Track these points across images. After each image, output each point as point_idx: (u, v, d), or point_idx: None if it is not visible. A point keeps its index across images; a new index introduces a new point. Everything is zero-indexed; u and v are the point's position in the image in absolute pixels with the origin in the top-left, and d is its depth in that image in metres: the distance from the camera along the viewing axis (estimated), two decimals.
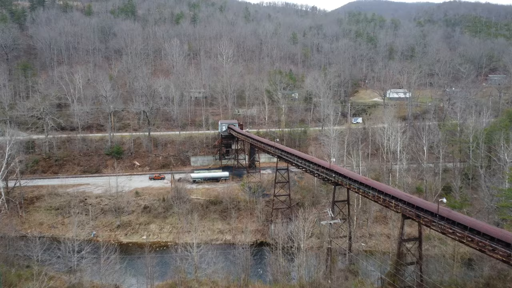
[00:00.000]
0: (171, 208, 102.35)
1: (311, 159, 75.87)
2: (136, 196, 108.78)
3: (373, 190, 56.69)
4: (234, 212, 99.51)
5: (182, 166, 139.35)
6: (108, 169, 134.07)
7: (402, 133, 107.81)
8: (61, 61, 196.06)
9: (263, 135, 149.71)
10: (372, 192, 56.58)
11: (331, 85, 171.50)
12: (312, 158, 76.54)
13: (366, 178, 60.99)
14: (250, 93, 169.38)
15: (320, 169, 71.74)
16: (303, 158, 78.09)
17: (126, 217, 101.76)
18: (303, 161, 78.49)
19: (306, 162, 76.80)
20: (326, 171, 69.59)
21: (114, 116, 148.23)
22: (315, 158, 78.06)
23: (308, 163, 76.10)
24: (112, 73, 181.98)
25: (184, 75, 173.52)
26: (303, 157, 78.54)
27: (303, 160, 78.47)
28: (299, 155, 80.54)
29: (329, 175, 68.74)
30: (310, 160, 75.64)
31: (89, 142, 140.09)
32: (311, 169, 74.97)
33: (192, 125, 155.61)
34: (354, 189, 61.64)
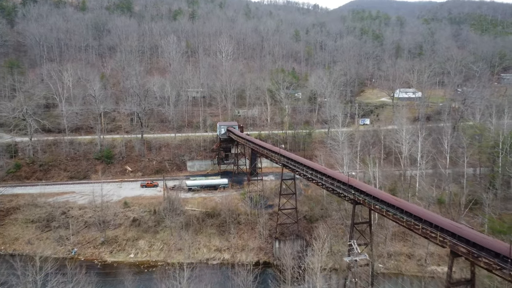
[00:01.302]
0: (163, 222, 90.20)
1: (323, 171, 63.61)
2: (125, 207, 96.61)
3: (407, 215, 44.43)
4: (233, 227, 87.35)
5: (177, 171, 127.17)
6: (97, 174, 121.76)
7: (422, 137, 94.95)
8: (52, 58, 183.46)
9: (265, 138, 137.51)
10: (407, 217, 44.26)
11: (336, 84, 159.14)
12: (325, 170, 64.28)
13: (395, 198, 48.75)
14: (251, 93, 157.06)
15: (335, 184, 59.40)
16: (315, 169, 65.80)
17: (112, 231, 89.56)
18: (313, 172, 66.17)
19: (318, 173, 64.46)
20: (343, 186, 57.28)
21: (104, 117, 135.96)
22: (328, 169, 65.80)
23: (320, 176, 63.76)
24: (104, 71, 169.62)
25: (181, 74, 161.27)
26: (314, 168, 66.31)
27: (313, 171, 66.16)
28: (309, 165, 68.30)
29: (347, 192, 56.43)
30: (323, 171, 63.39)
31: (77, 145, 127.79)
32: (324, 183, 62.62)
33: (189, 127, 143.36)
34: (381, 211, 49.30)
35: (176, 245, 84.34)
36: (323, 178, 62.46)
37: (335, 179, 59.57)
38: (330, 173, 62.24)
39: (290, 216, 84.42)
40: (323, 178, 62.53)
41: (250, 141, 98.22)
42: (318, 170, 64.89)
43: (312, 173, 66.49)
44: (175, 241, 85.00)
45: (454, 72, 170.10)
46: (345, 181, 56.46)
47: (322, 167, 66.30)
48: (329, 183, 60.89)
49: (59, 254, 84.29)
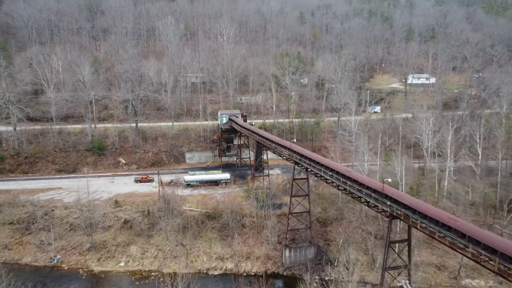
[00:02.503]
0: (158, 224, 79.02)
1: (347, 173, 51.87)
2: (115, 207, 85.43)
3: (473, 242, 32.79)
4: (237, 231, 76.20)
5: (175, 164, 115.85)
6: (88, 167, 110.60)
7: (452, 129, 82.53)
8: (43, 42, 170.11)
9: (270, 127, 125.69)
10: (475, 247, 32.55)
11: (346, 69, 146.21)
12: (350, 172, 52.55)
13: (450, 216, 37.14)
14: (254, 79, 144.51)
15: (364, 191, 47.70)
16: (336, 170, 54.01)
17: (100, 235, 78.52)
18: (334, 173, 54.41)
19: (341, 176, 52.66)
20: (375, 195, 45.62)
21: (96, 105, 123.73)
22: (353, 171, 54.01)
23: (343, 179, 52.00)
24: (98, 55, 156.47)
25: (179, 58, 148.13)
26: (334, 168, 54.60)
27: (334, 173, 54.39)
28: (328, 165, 56.65)
29: (380, 202, 44.79)
30: (346, 174, 51.55)
31: (66, 135, 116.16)
32: (349, 189, 50.90)
33: (187, 115, 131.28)
34: (431, 233, 37.70)
35: (172, 252, 73.37)
36: (348, 183, 50.76)
37: (364, 185, 47.84)
38: (357, 176, 50.50)
39: (301, 219, 73.08)
40: (347, 182, 50.82)
41: (256, 133, 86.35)
42: (340, 172, 53.10)
43: (333, 175, 54.76)
44: (171, 247, 74.00)
45: (470, 56, 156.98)
46: (378, 189, 44.85)
47: (345, 168, 54.57)
48: (356, 189, 49.19)
49: (39, 262, 73.56)
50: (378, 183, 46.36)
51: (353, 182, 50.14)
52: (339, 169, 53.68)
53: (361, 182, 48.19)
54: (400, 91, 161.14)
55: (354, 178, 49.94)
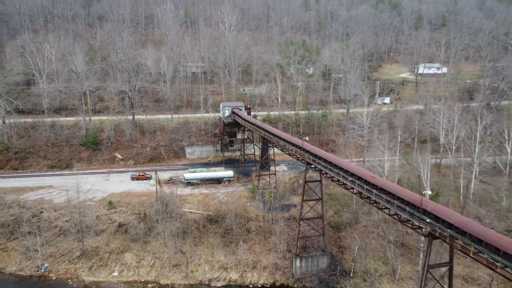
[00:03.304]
0: (155, 228, 71.61)
1: (372, 180, 43.95)
2: (109, 208, 77.93)
3: None
4: (242, 237, 68.75)
5: (175, 159, 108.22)
6: (82, 163, 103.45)
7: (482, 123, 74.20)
8: (36, 29, 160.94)
9: (275, 120, 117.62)
10: None
11: (354, 58, 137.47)
12: (375, 178, 44.56)
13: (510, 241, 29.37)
14: (258, 68, 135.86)
15: (395, 203, 39.86)
16: (358, 175, 46.13)
17: (93, 240, 71.18)
18: (355, 178, 46.54)
19: (364, 183, 44.78)
20: (410, 209, 37.76)
21: (90, 96, 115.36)
22: (379, 178, 45.93)
23: (368, 187, 44.13)
24: (93, 43, 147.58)
25: (178, 46, 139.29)
26: (356, 173, 46.70)
27: (354, 178, 46.52)
28: (347, 168, 48.83)
29: (417, 219, 36.99)
30: (371, 181, 43.64)
31: (59, 129, 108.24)
32: (377, 200, 43.06)
33: (187, 107, 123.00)
34: (488, 264, 30.05)
35: (170, 260, 66.10)
36: (374, 192, 42.93)
37: (395, 196, 39.99)
38: (386, 185, 42.52)
39: (313, 225, 65.51)
40: (373, 191, 43.00)
41: (262, 128, 78.43)
42: (363, 177, 45.20)
43: (354, 181, 46.90)
44: (170, 255, 66.73)
45: (484, 45, 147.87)
46: (414, 202, 37.08)
47: (368, 173, 46.67)
48: (385, 200, 41.42)
49: (25, 271, 66.36)
50: (414, 195, 38.57)
51: (380, 191, 42.33)
52: (362, 174, 45.83)
53: (392, 192, 40.41)
54: (410, 81, 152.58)
55: (382, 187, 42.15)
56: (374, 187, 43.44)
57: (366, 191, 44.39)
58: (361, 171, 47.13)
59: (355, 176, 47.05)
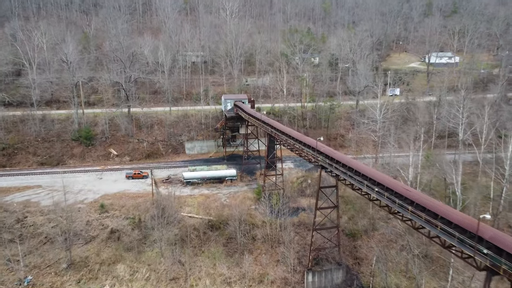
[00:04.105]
0: (151, 235, 64.16)
1: (406, 193, 36.12)
2: (101, 212, 70.50)
3: None
4: (247, 246, 61.31)
5: (173, 155, 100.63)
6: (75, 160, 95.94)
7: None
8: (28, 16, 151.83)
9: (280, 113, 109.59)
10: None
11: (362, 46, 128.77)
12: (409, 191, 36.71)
13: None
14: (261, 58, 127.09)
15: (439, 225, 32.09)
16: (387, 187, 38.26)
17: (82, 249, 63.86)
18: (382, 188, 38.74)
19: (396, 196, 36.98)
20: (460, 234, 30.02)
21: (83, 88, 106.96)
22: (413, 190, 37.96)
23: (400, 200, 36.31)
24: (87, 31, 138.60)
25: (177, 34, 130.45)
26: (386, 184, 38.74)
27: (380, 187, 38.74)
28: (374, 177, 40.77)
29: (468, 246, 29.29)
30: (406, 195, 35.84)
31: (49, 123, 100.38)
32: (411, 217, 35.32)
33: (187, 99, 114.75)
34: None
35: (167, 272, 58.77)
36: (409, 209, 35.10)
37: (437, 215, 32.20)
38: (424, 200, 34.55)
39: (326, 234, 57.98)
40: (409, 208, 35.15)
41: (268, 124, 70.41)
42: (394, 189, 37.34)
43: (381, 192, 39.08)
44: (167, 267, 59.38)
45: (500, 33, 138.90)
46: (467, 227, 29.33)
47: (400, 184, 38.77)
48: (424, 219, 33.59)
49: (6, 285, 58.96)
50: (465, 217, 30.85)
51: (417, 207, 34.55)
52: (392, 185, 38.02)
53: (433, 210, 32.67)
54: (421, 71, 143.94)
55: (419, 203, 34.36)
56: (407, 201, 35.68)
57: (397, 206, 36.62)
58: (390, 181, 39.34)
59: (382, 186, 39.26)
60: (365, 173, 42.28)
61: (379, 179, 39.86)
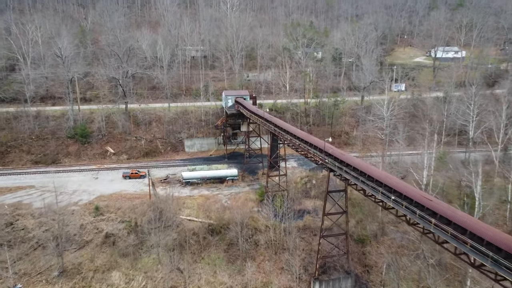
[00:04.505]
0: (148, 240, 60.42)
1: (429, 204, 32.22)
2: (96, 215, 66.73)
3: None
4: (249, 253, 57.57)
5: (172, 153, 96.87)
6: (70, 158, 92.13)
7: None
8: (23, 9, 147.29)
9: (282, 109, 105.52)
10: None
11: (367, 41, 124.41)
12: (432, 201, 32.67)
13: None
14: (263, 52, 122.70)
15: (469, 241, 28.18)
16: (405, 195, 34.31)
17: (75, 254, 60.19)
18: (402, 198, 34.82)
19: (417, 207, 33.04)
20: (493, 253, 26.19)
21: (78, 84, 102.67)
22: (435, 200, 33.80)
23: (420, 211, 32.40)
24: (84, 24, 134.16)
25: (177, 28, 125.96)
26: (406, 193, 34.71)
27: (397, 195, 34.82)
28: (391, 184, 36.82)
29: (502, 266, 25.49)
30: (428, 206, 31.94)
31: (44, 119, 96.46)
32: (434, 231, 31.40)
33: (186, 95, 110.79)
34: None
35: (165, 280, 55.09)
36: (432, 222, 31.15)
37: (466, 230, 28.33)
38: (451, 213, 30.56)
39: (334, 241, 54.21)
40: (432, 221, 31.21)
41: (271, 123, 66.36)
42: (416, 199, 33.41)
43: (399, 201, 35.13)
44: (164, 274, 55.68)
45: (509, 27, 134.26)
46: (503, 246, 25.43)
47: (420, 192, 34.84)
48: (450, 235, 29.70)
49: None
50: (500, 234, 26.93)
51: (441, 220, 30.65)
52: (411, 194, 34.07)
53: (463, 226, 28.77)
54: (426, 66, 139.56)
55: (444, 215, 30.45)
56: (428, 211, 31.77)
57: (418, 218, 32.72)
58: (408, 188, 35.40)
59: (399, 194, 35.30)
60: (379, 179, 38.35)
61: (395, 186, 35.94)
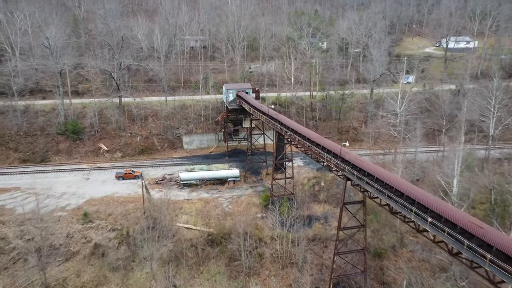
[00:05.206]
0: (141, 251, 53.90)
1: (480, 232, 25.47)
2: (84, 222, 60.20)
3: None
4: (252, 268, 51.03)
5: (170, 150, 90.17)
6: (60, 156, 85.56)
7: None
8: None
9: (287, 103, 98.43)
10: None
11: (376, 30, 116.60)
12: (489, 234, 25.88)
13: None
14: (266, 42, 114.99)
15: None
16: (455, 222, 27.58)
17: (60, 268, 53.76)
18: (441, 220, 28.11)
19: (465, 235, 26.35)
20: None
21: (69, 76, 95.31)
22: (489, 227, 26.86)
23: (469, 242, 25.72)
24: (77, 13, 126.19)
25: (174, 17, 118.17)
26: (452, 218, 28.00)
27: (441, 219, 28.11)
28: (430, 205, 29.99)
29: None
30: (479, 235, 25.21)
31: (32, 115, 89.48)
32: (492, 270, 24.79)
33: (185, 88, 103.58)
34: None
35: None
36: (487, 257, 24.45)
37: None
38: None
39: (350, 258, 47.64)
40: (487, 257, 24.52)
41: (276, 120, 59.40)
42: (463, 226, 26.70)
43: (441, 227, 28.38)
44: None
45: None
46: None
47: (467, 216, 27.99)
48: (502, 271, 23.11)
49: None
50: None
51: (497, 253, 23.98)
52: (456, 218, 27.30)
53: None
54: (437, 57, 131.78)
55: (502, 250, 23.77)
56: (480, 242, 25.12)
57: (467, 250, 26.00)
58: (450, 210, 28.57)
59: (438, 216, 28.52)
60: (411, 195, 31.52)
61: (435, 207, 29.10)
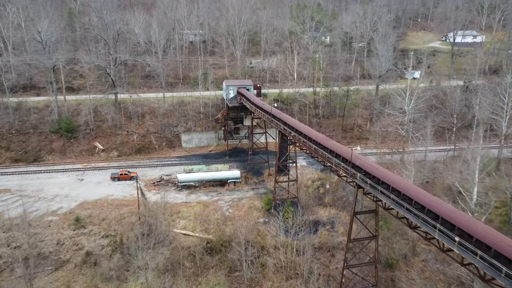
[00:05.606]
0: (135, 259, 50.22)
1: None
2: (76, 227, 56.50)
3: None
4: (255, 279, 47.41)
5: (168, 149, 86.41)
6: (54, 155, 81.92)
7: None
8: None
9: (290, 100, 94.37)
10: None
11: (381, 24, 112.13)
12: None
13: None
14: (268, 36, 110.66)
15: None
16: (487, 243, 23.82)
17: (50, 277, 50.23)
18: (469, 240, 24.38)
19: (499, 259, 22.63)
20: None
21: (63, 72, 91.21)
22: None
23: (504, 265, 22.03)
24: (72, 6, 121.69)
25: (173, 10, 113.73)
26: (483, 239, 24.21)
27: (470, 239, 24.38)
28: (456, 222, 26.17)
29: None
30: None
31: (25, 112, 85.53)
32: None
33: (184, 84, 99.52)
34: None
35: None
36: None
37: None
38: None
39: (360, 271, 43.95)
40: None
41: (280, 120, 55.48)
42: (499, 249, 22.99)
43: (472, 249, 24.68)
44: None
45: None
46: None
47: (502, 238, 24.20)
48: None
49: None
50: None
51: None
52: (489, 240, 23.56)
53: None
54: (443, 52, 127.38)
55: None
56: None
57: (504, 278, 22.29)
58: (483, 230, 24.77)
59: (469, 235, 24.79)
60: (434, 210, 27.71)
61: (465, 226, 25.28)
